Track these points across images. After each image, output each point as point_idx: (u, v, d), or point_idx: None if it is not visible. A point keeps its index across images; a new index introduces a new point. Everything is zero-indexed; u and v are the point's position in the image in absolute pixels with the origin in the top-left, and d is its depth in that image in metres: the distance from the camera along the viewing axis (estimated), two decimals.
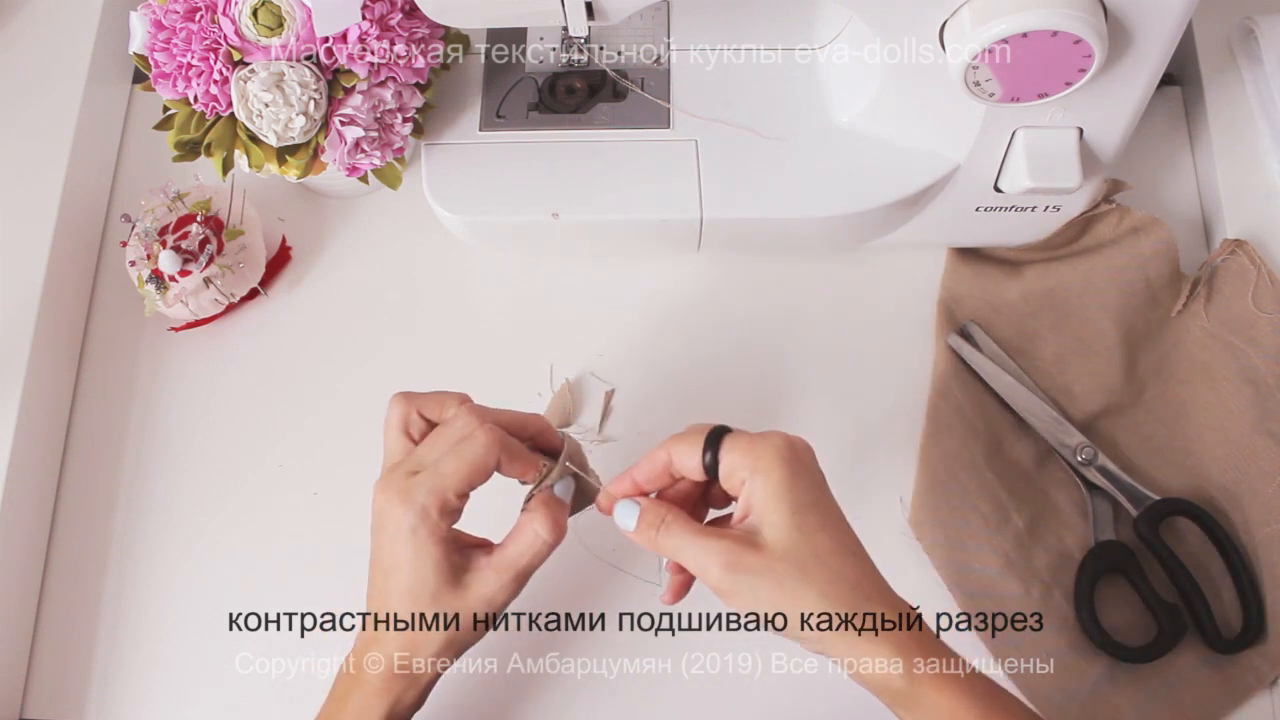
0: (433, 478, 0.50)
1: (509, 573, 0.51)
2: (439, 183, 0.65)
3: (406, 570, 0.50)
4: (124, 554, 0.67)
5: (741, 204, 0.64)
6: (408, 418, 0.53)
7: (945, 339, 0.68)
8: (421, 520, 0.50)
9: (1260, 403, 0.65)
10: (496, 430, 0.51)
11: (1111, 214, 0.68)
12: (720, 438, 0.50)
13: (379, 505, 0.51)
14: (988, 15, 0.52)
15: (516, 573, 0.51)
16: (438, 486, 0.50)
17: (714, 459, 0.49)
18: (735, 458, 0.49)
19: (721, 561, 0.47)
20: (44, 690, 0.65)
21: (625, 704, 0.63)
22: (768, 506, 0.48)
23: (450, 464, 0.50)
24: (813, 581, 0.47)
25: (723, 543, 0.48)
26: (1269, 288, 0.67)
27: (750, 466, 0.48)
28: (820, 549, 0.47)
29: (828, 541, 0.47)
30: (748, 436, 0.49)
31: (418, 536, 0.50)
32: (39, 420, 0.67)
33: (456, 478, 0.50)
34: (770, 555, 0.47)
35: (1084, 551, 0.64)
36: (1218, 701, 0.61)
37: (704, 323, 0.71)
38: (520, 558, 0.51)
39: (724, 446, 0.49)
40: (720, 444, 0.50)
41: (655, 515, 0.50)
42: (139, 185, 0.75)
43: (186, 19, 0.61)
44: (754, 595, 0.47)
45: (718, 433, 0.50)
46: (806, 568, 0.47)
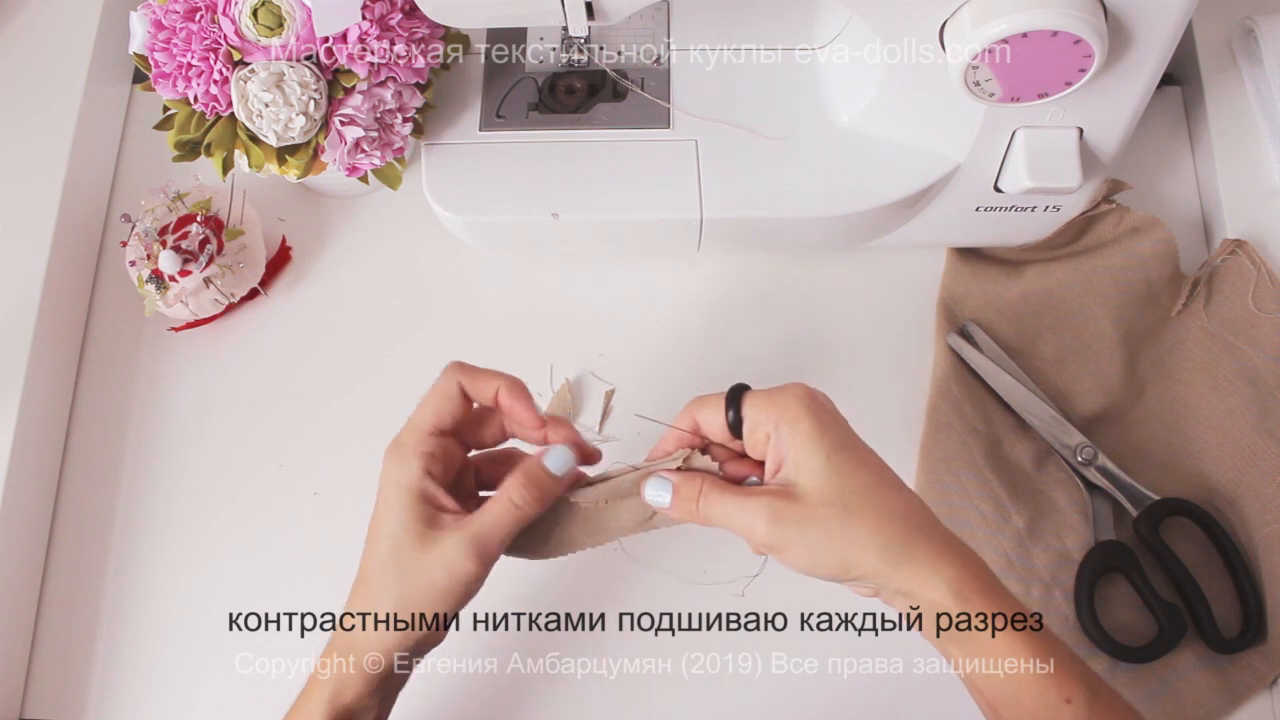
0: (409, 421, 0.51)
1: (471, 530, 0.49)
2: (439, 183, 0.65)
3: (381, 517, 0.50)
4: (124, 554, 0.67)
5: (741, 204, 0.64)
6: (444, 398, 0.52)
7: (945, 339, 0.68)
8: (397, 460, 0.50)
9: (1260, 403, 0.65)
10: (455, 362, 0.53)
11: (1111, 214, 0.68)
12: (740, 395, 0.50)
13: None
14: (988, 15, 0.52)
15: (482, 540, 0.49)
16: (411, 422, 0.51)
17: (737, 416, 0.49)
18: (758, 412, 0.49)
19: (766, 517, 0.47)
20: (44, 690, 0.65)
21: (625, 704, 0.63)
22: (801, 455, 0.47)
23: (419, 406, 0.52)
24: (860, 519, 0.46)
25: (763, 499, 0.47)
26: (1269, 288, 0.67)
27: (775, 419, 0.48)
28: (861, 486, 0.47)
29: (868, 477, 0.47)
30: (767, 391, 0.49)
31: (392, 475, 0.50)
32: (39, 420, 0.67)
33: (424, 408, 0.51)
34: (813, 502, 0.47)
35: (1084, 551, 0.64)
36: (1217, 701, 0.61)
37: (704, 322, 0.71)
38: (485, 517, 0.49)
39: (746, 402, 0.49)
40: (741, 400, 0.49)
41: (692, 487, 0.49)
42: (139, 185, 0.75)
43: (186, 19, 0.61)
44: (805, 545, 0.47)
45: (737, 390, 0.50)
46: (850, 507, 0.46)
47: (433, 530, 0.49)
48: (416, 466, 0.50)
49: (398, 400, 0.69)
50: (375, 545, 0.50)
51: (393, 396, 0.69)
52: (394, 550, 0.49)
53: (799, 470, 0.47)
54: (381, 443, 0.68)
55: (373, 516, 0.51)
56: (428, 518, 0.50)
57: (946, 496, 0.64)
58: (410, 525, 0.49)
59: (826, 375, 0.69)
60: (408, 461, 0.50)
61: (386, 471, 0.51)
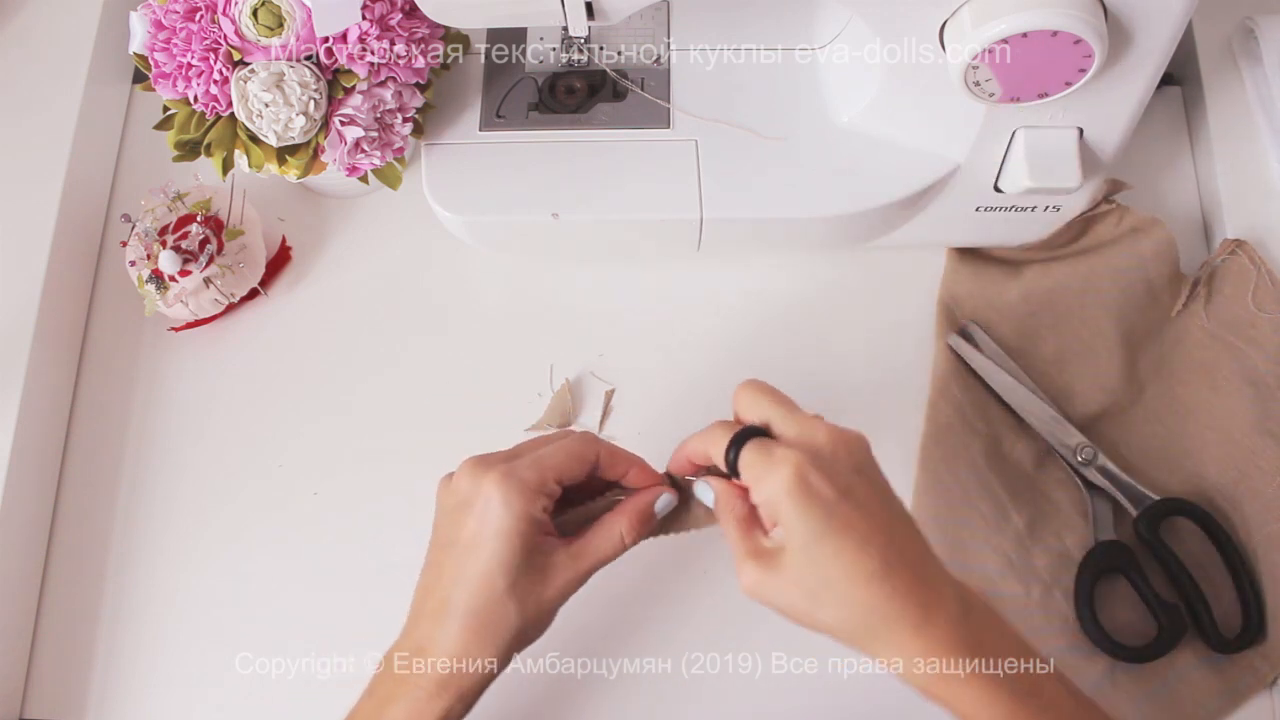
0: (534, 459, 0.52)
1: (586, 563, 0.52)
2: (439, 183, 0.65)
3: (491, 547, 0.50)
4: (124, 554, 0.67)
5: (741, 204, 0.64)
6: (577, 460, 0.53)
7: (945, 339, 0.68)
8: (519, 494, 0.50)
9: (1260, 403, 0.65)
10: (592, 435, 0.54)
11: (1111, 214, 0.68)
12: (745, 442, 0.50)
13: (468, 483, 0.51)
14: (988, 15, 0.52)
15: (592, 565, 0.52)
16: (539, 464, 0.51)
17: (734, 461, 0.50)
18: (750, 476, 0.49)
19: (749, 579, 0.49)
20: (44, 690, 0.65)
21: (625, 704, 0.63)
22: (783, 530, 0.48)
23: (550, 450, 0.52)
24: (826, 610, 0.48)
25: (749, 563, 0.49)
26: (1269, 288, 0.67)
27: (763, 492, 0.48)
28: (832, 577, 0.47)
29: (841, 570, 0.47)
30: (764, 459, 0.49)
31: (512, 510, 0.50)
32: (39, 420, 0.67)
33: (556, 459, 0.52)
34: (786, 579, 0.48)
35: (1084, 551, 0.64)
36: (1217, 701, 0.61)
37: (704, 323, 0.71)
38: (599, 551, 0.52)
39: (741, 462, 0.50)
40: (740, 456, 0.50)
41: (725, 504, 0.51)
42: (139, 185, 0.75)
43: (186, 19, 0.61)
44: (780, 608, 0.49)
45: (743, 436, 0.50)
46: (818, 598, 0.48)
47: (545, 560, 0.51)
48: (539, 505, 0.51)
49: (398, 400, 0.70)
50: (486, 580, 0.50)
51: (393, 396, 0.70)
52: (513, 584, 0.50)
53: (784, 540, 0.48)
54: (381, 443, 0.68)
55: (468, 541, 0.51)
56: (540, 548, 0.51)
57: (947, 496, 0.64)
58: (527, 558, 0.50)
59: (826, 375, 0.69)
60: (531, 498, 0.50)
61: (500, 501, 0.50)
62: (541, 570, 0.51)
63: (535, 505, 0.50)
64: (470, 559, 0.50)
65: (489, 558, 0.50)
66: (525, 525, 0.50)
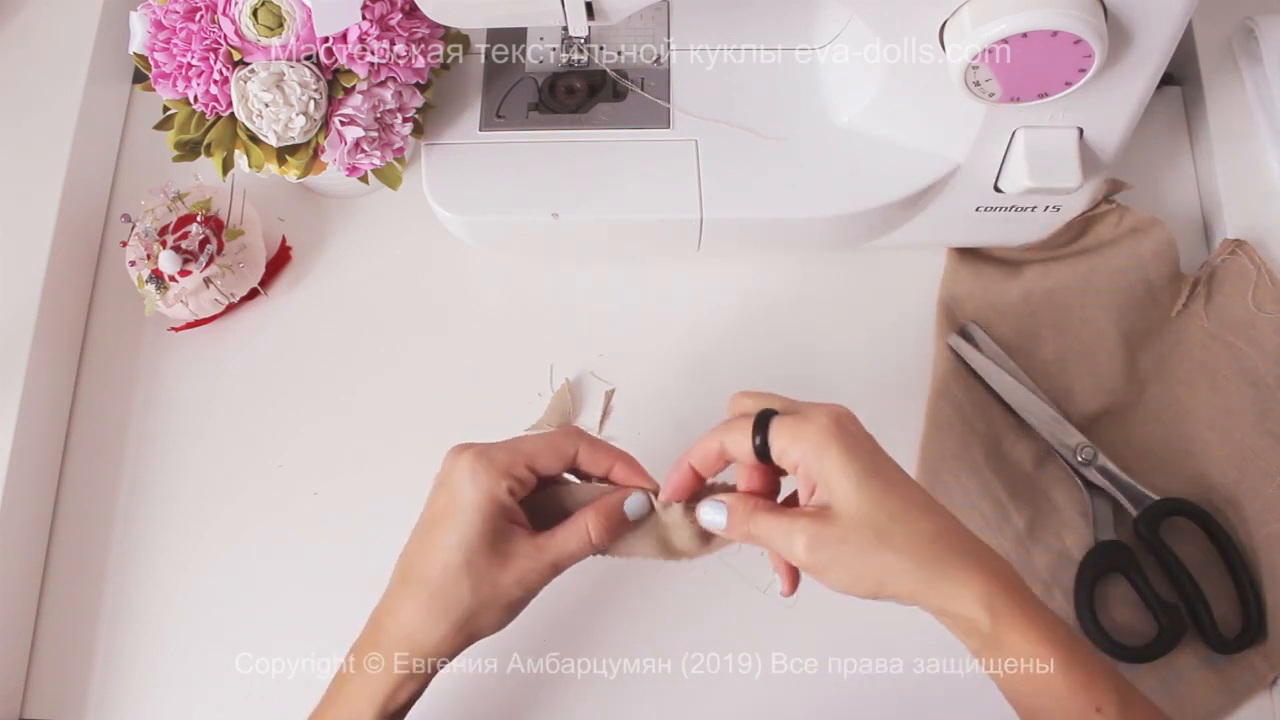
0: (511, 443, 0.52)
1: (550, 555, 0.51)
2: (439, 183, 0.65)
3: (452, 520, 0.50)
4: (124, 554, 0.67)
5: (741, 204, 0.64)
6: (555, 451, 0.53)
7: (945, 339, 0.68)
8: (486, 471, 0.51)
9: (1260, 403, 0.65)
10: (576, 428, 0.54)
11: (1111, 214, 0.68)
12: (768, 421, 0.50)
13: (448, 464, 0.52)
14: (988, 15, 0.52)
15: (556, 560, 0.52)
16: (514, 448, 0.52)
17: (764, 443, 0.50)
18: (785, 442, 0.49)
19: (805, 542, 0.48)
20: (44, 690, 0.65)
21: (625, 704, 0.63)
22: (832, 482, 0.48)
23: (530, 438, 0.53)
24: (892, 543, 0.47)
25: (801, 522, 0.49)
26: (1269, 288, 0.67)
27: (802, 447, 0.49)
28: (893, 510, 0.48)
29: (898, 501, 0.48)
30: (793, 419, 0.49)
31: (477, 485, 0.50)
32: (39, 420, 0.67)
33: (533, 446, 0.52)
34: (846, 526, 0.48)
35: (1084, 551, 0.64)
36: (1217, 701, 0.61)
37: (704, 323, 0.71)
38: (564, 545, 0.52)
39: (772, 431, 0.50)
40: (769, 427, 0.50)
41: (745, 507, 0.51)
42: (139, 185, 0.75)
43: (186, 19, 0.61)
44: (841, 567, 0.48)
45: (764, 417, 0.50)
46: (883, 532, 0.47)
47: (507, 545, 0.51)
48: (504, 485, 0.51)
49: (398, 400, 0.70)
50: (444, 553, 0.51)
51: (393, 396, 0.70)
52: (468, 562, 0.50)
53: (832, 496, 0.48)
54: (381, 443, 0.68)
55: (434, 515, 0.52)
56: (504, 532, 0.51)
57: (947, 496, 0.64)
58: (488, 538, 0.50)
59: (826, 375, 0.69)
60: (497, 478, 0.51)
61: (468, 477, 0.51)
62: (503, 555, 0.51)
63: (500, 485, 0.51)
64: (434, 531, 0.51)
65: (448, 530, 0.51)
66: (487, 502, 0.50)
